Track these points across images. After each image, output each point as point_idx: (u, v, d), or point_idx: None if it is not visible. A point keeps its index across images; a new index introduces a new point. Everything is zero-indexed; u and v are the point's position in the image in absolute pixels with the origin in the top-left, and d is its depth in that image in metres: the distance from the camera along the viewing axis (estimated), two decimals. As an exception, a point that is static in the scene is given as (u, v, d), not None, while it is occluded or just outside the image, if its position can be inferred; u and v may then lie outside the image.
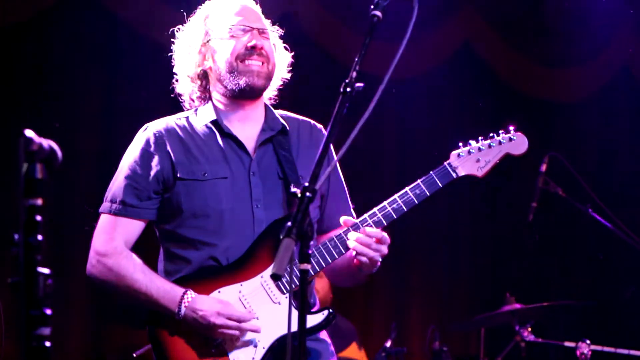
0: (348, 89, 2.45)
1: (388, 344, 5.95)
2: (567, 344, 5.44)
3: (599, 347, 5.26)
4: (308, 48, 6.65)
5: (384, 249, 3.10)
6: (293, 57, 3.47)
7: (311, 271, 3.03)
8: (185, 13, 3.42)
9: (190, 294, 3.07)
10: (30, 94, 6.08)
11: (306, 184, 2.27)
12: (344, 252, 3.11)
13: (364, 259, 3.06)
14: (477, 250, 7.57)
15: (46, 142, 1.84)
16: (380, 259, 3.12)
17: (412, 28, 2.52)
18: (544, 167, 5.67)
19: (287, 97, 3.52)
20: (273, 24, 3.42)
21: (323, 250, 3.11)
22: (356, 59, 2.48)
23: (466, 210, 7.53)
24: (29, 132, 1.83)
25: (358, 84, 2.46)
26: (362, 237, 3.05)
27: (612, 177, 7.62)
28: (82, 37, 6.15)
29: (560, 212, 7.32)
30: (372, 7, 2.53)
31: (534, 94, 7.53)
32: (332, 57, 6.80)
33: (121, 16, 6.14)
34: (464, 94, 7.39)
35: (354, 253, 3.08)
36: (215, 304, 3.06)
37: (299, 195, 2.27)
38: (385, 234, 3.11)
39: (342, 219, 3.12)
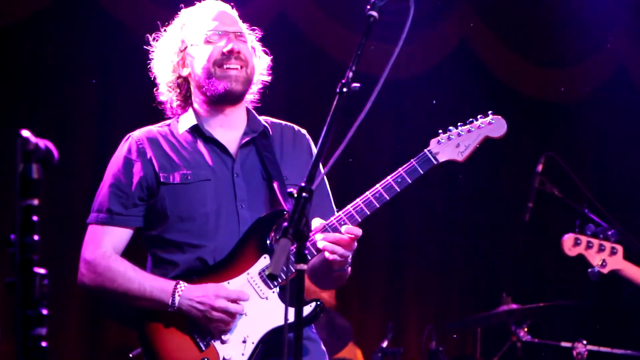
0: (344, 89, 2.45)
1: (384, 344, 5.95)
2: (564, 344, 5.45)
3: (595, 347, 5.26)
4: (304, 48, 6.66)
5: (354, 245, 3.08)
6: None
7: (283, 275, 3.05)
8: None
9: (183, 284, 3.09)
10: (26, 94, 6.08)
11: (302, 184, 2.28)
12: (315, 253, 3.10)
13: (334, 256, 3.05)
14: (473, 251, 7.58)
15: (42, 142, 1.84)
16: (351, 255, 3.10)
17: (408, 28, 2.52)
18: (540, 167, 5.67)
19: (283, 97, 3.53)
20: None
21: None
22: (352, 59, 2.49)
23: (462, 210, 7.54)
24: (25, 132, 1.82)
25: (354, 84, 2.46)
26: (330, 235, 3.05)
27: (609, 177, 7.63)
28: (78, 37, 6.15)
29: (557, 212, 7.33)
30: (368, 7, 2.54)
31: (530, 94, 7.54)
32: (328, 57, 6.80)
33: (117, 16, 6.14)
34: (460, 93, 7.39)
35: (326, 254, 3.07)
36: (212, 288, 3.08)
37: (295, 195, 2.27)
38: (354, 228, 3.09)
39: (313, 223, 3.11)
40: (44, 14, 6.00)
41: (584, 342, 5.16)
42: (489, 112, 3.35)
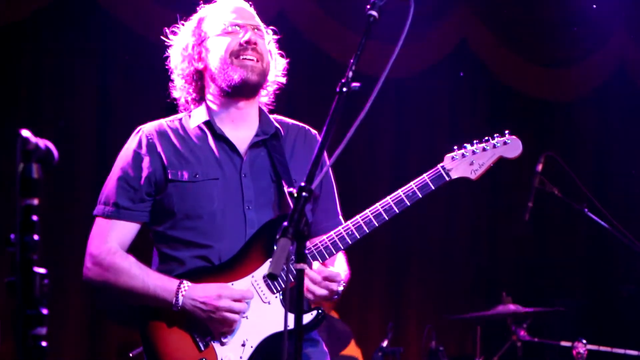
0: (344, 89, 2.45)
1: (385, 343, 5.95)
2: (564, 343, 5.45)
3: (595, 347, 5.26)
4: (304, 47, 6.65)
5: (334, 286, 3.09)
6: (288, 56, 3.47)
7: (283, 275, 3.05)
8: (180, 14, 3.42)
9: (187, 283, 3.08)
10: (26, 94, 6.08)
11: (302, 184, 2.28)
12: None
13: (309, 295, 3.07)
14: (473, 250, 7.58)
15: (42, 142, 1.84)
16: (330, 295, 3.10)
17: (408, 28, 2.52)
18: (540, 167, 5.66)
19: (283, 97, 3.52)
20: (267, 23, 3.42)
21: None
22: (352, 59, 2.49)
23: (462, 210, 7.54)
24: (25, 132, 1.82)
25: (354, 84, 2.46)
26: (310, 273, 3.05)
27: (608, 176, 7.63)
28: (78, 37, 6.15)
29: (557, 211, 7.33)
30: (368, 7, 2.54)
31: (530, 93, 7.54)
32: (328, 57, 6.80)
33: (117, 15, 6.14)
34: (460, 93, 7.40)
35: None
36: (215, 288, 3.07)
37: (295, 195, 2.27)
38: (335, 272, 3.09)
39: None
40: (43, 13, 6.00)
41: (584, 341, 5.16)
42: (506, 131, 3.33)
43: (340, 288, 3.14)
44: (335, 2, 6.81)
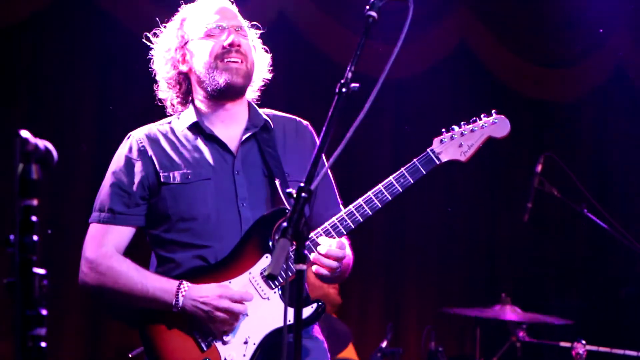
0: (343, 90, 2.45)
1: (384, 344, 5.95)
2: (563, 344, 5.45)
3: (594, 347, 5.27)
4: (303, 48, 6.66)
5: (342, 253, 3.11)
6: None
7: (282, 274, 3.06)
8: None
9: (186, 284, 3.09)
10: (25, 95, 6.08)
11: (302, 184, 2.28)
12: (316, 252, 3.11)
13: (324, 271, 3.09)
14: (472, 251, 7.58)
15: (42, 143, 1.84)
16: (339, 265, 3.11)
17: (407, 28, 2.53)
18: (539, 168, 5.67)
19: (282, 97, 3.52)
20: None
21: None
22: (352, 59, 2.49)
23: (461, 211, 7.54)
24: (24, 133, 1.82)
25: (354, 84, 2.46)
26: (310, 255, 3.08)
27: (608, 177, 7.63)
28: (77, 38, 6.15)
29: (556, 212, 7.33)
30: (367, 7, 2.54)
31: (530, 94, 7.54)
32: (327, 57, 6.80)
33: (116, 15, 6.14)
34: (459, 93, 7.39)
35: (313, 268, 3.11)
36: (215, 288, 3.07)
37: (295, 195, 2.27)
38: (339, 243, 3.11)
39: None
40: (43, 14, 6.00)
41: (583, 342, 5.16)
42: (493, 111, 3.34)
43: (348, 254, 3.15)
44: (335, 2, 6.81)
